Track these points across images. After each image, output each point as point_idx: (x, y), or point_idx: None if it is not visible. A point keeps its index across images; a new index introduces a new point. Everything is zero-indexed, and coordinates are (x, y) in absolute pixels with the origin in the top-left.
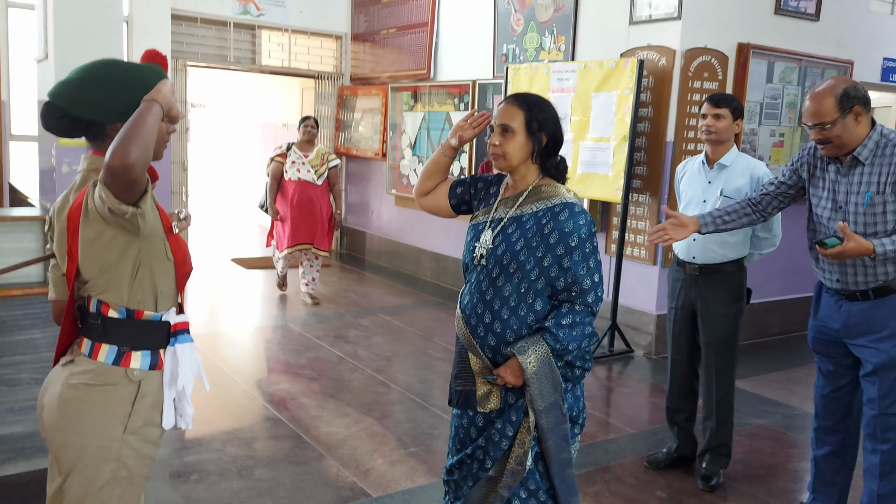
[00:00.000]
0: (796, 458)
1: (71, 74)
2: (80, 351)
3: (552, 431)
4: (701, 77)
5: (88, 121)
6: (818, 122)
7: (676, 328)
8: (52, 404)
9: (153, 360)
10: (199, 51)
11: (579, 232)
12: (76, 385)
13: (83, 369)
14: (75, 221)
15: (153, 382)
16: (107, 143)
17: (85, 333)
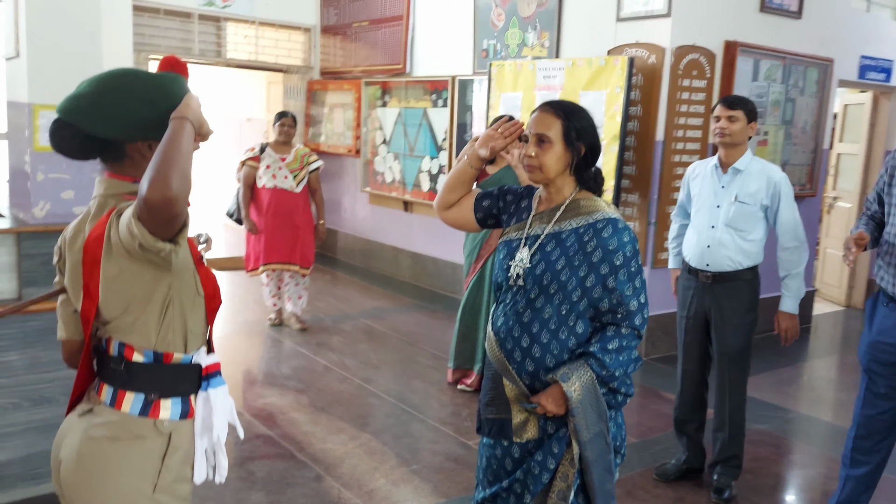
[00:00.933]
0: (803, 465)
1: (83, 87)
2: (99, 399)
3: (596, 463)
4: (690, 75)
5: (106, 139)
6: None
7: (688, 337)
8: (71, 460)
9: (184, 408)
10: (162, 43)
11: (624, 249)
12: (98, 439)
13: (105, 421)
14: (94, 255)
15: (185, 433)
16: (126, 165)
17: (105, 379)
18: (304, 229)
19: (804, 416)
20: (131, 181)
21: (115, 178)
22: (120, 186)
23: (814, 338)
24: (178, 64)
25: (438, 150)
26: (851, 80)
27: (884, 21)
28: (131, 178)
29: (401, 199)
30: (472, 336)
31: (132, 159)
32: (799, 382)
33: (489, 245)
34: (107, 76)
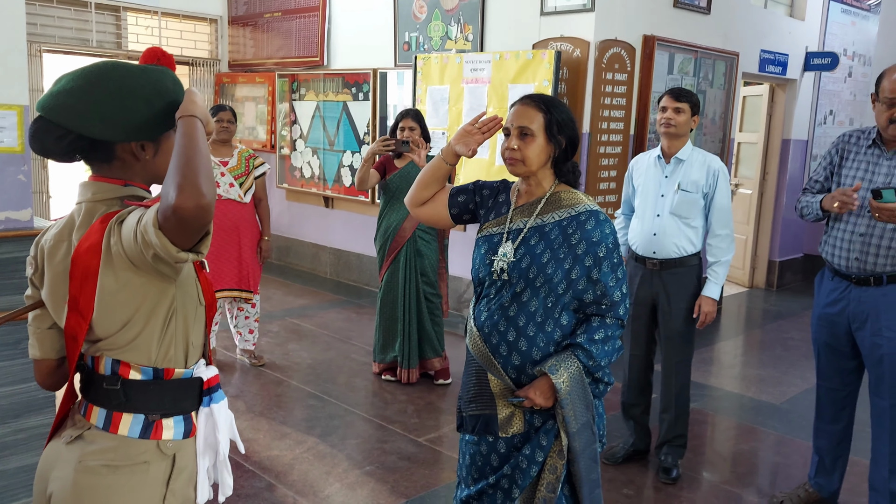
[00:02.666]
0: (736, 440)
1: (66, 83)
2: (87, 421)
3: (583, 453)
4: (613, 69)
5: (95, 140)
6: None
7: (636, 323)
8: (66, 495)
9: (187, 426)
10: (56, 34)
11: (607, 241)
12: (95, 469)
13: (101, 447)
14: (85, 267)
15: (188, 453)
16: (114, 167)
17: (94, 401)
18: (247, 247)
19: (727, 392)
20: (121, 184)
21: (103, 181)
22: (109, 190)
23: (724, 318)
24: (164, 56)
25: (360, 144)
26: (753, 72)
27: (779, 17)
28: (121, 182)
29: (321, 194)
30: (393, 328)
31: (122, 161)
32: (719, 361)
33: (401, 237)
34: (95, 71)
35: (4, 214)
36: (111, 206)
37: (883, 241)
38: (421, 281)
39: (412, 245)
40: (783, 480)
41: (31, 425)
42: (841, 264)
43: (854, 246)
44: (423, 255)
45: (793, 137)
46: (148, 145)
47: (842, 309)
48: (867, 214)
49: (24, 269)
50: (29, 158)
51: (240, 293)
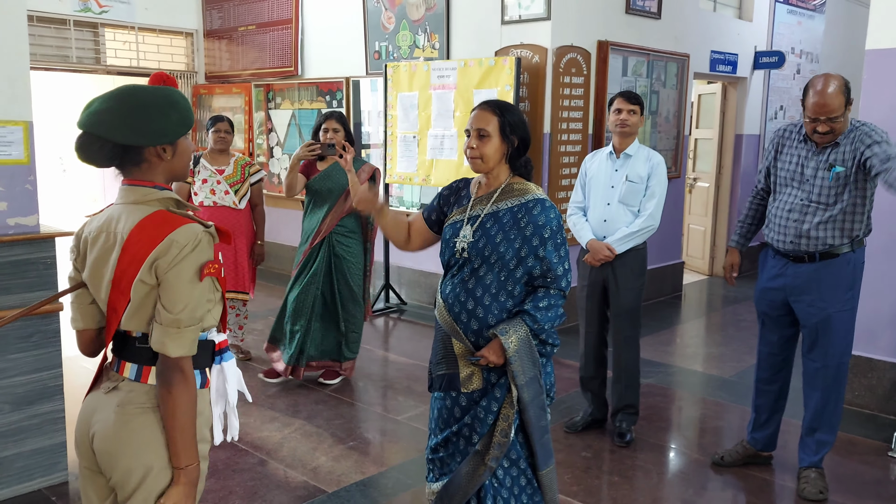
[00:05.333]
0: (686, 408)
1: (100, 104)
2: (121, 376)
3: (532, 403)
4: (570, 73)
5: (128, 146)
6: (832, 116)
7: (589, 303)
8: (107, 432)
9: (202, 378)
10: (36, 51)
11: (551, 224)
12: (131, 410)
13: (135, 394)
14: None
15: (203, 400)
16: (143, 169)
17: (127, 358)
18: (242, 251)
19: (682, 368)
20: (151, 185)
21: (136, 184)
22: (146, 193)
23: (685, 304)
24: (168, 78)
25: None
26: (704, 72)
27: (728, 19)
28: (151, 183)
29: (299, 199)
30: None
31: (149, 162)
32: (676, 342)
33: (316, 237)
34: (122, 93)
35: (15, 220)
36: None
37: (812, 228)
38: (338, 285)
39: (329, 248)
40: (727, 441)
41: (44, 411)
42: (779, 245)
43: (789, 230)
44: (343, 258)
45: (745, 133)
46: (168, 148)
47: (782, 283)
48: (799, 203)
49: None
50: (34, 169)
51: (235, 294)
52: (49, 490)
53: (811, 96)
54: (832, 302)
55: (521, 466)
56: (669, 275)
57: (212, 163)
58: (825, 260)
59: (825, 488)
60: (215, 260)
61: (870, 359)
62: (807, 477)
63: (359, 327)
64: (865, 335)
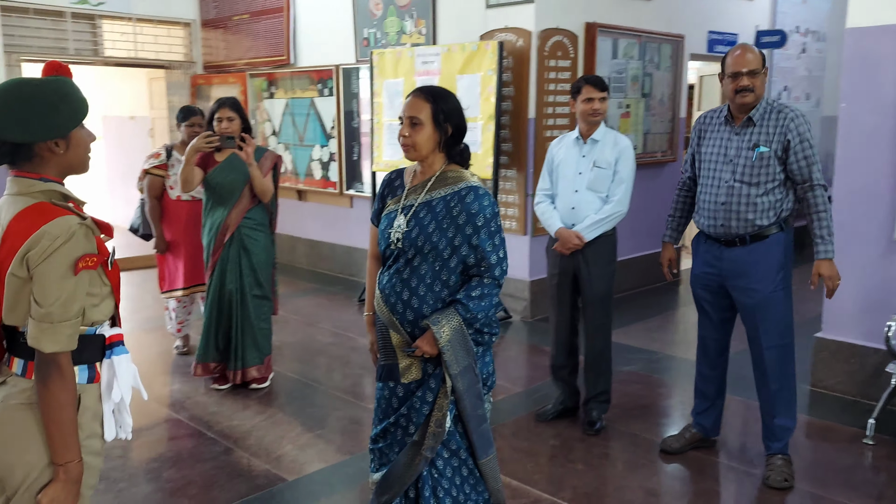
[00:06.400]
0: (663, 396)
1: None
2: (10, 370)
3: (467, 392)
4: (555, 56)
5: (17, 143)
6: (752, 69)
7: (559, 291)
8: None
9: (90, 373)
10: (34, 44)
11: (484, 212)
12: (15, 406)
13: (20, 389)
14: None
15: (92, 395)
16: (34, 163)
17: (15, 353)
18: None
19: (666, 355)
20: (37, 178)
21: (21, 175)
22: (29, 185)
23: (682, 289)
24: (61, 68)
25: (328, 139)
26: (701, 53)
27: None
28: (37, 175)
29: (294, 188)
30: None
31: (40, 157)
32: (664, 328)
33: (223, 235)
34: (7, 88)
35: None
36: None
37: (741, 208)
38: (247, 280)
39: (238, 242)
40: None
41: None
42: (710, 230)
43: (718, 214)
44: (251, 253)
45: None
46: (60, 142)
47: (717, 268)
48: (725, 185)
49: None
50: None
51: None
52: None
53: (731, 56)
54: (766, 283)
55: (461, 457)
56: None
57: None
58: (755, 242)
59: (791, 475)
60: (102, 253)
61: (851, 344)
62: (772, 464)
63: (268, 324)
64: (845, 320)
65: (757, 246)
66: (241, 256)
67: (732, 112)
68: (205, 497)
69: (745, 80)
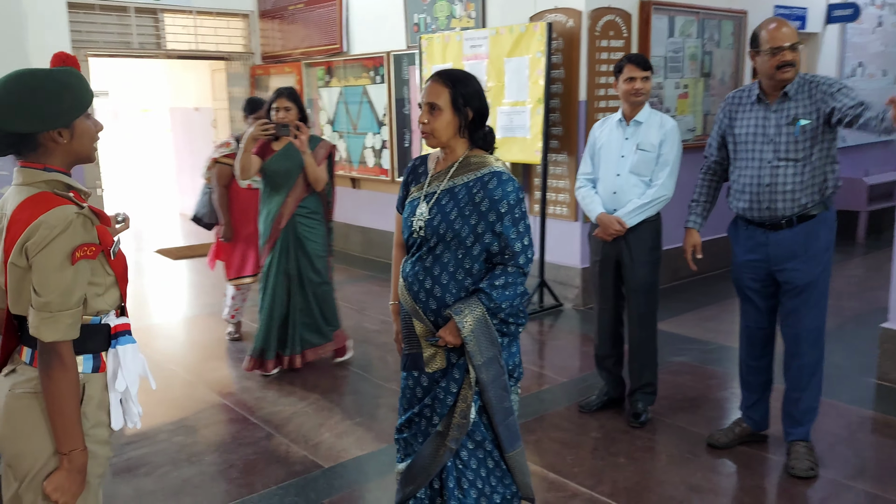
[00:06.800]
0: (715, 388)
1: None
2: (20, 359)
3: (492, 384)
4: (607, 36)
5: (21, 133)
6: (793, 43)
7: (602, 279)
8: (0, 415)
9: (95, 363)
10: (100, 39)
11: (508, 198)
12: (21, 395)
13: (27, 378)
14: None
15: (97, 385)
16: (39, 153)
17: (24, 342)
18: None
19: (720, 346)
20: (41, 168)
21: (28, 166)
22: (33, 175)
23: None
24: (69, 58)
25: (380, 126)
26: None
27: None
28: (41, 166)
29: (348, 176)
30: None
31: (45, 147)
32: (720, 318)
33: (277, 224)
34: (11, 79)
35: None
36: (37, 188)
37: (787, 188)
38: (304, 267)
39: (292, 230)
40: None
41: None
42: (753, 214)
43: (763, 196)
44: (307, 240)
45: None
46: (64, 131)
47: (762, 254)
48: (768, 166)
49: None
50: None
51: None
52: None
53: (766, 31)
54: (815, 264)
55: (486, 448)
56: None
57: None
58: (802, 223)
59: (815, 464)
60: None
61: None
62: (796, 452)
63: (332, 303)
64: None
65: (804, 227)
66: (296, 244)
67: (765, 89)
68: (243, 481)
69: (788, 54)
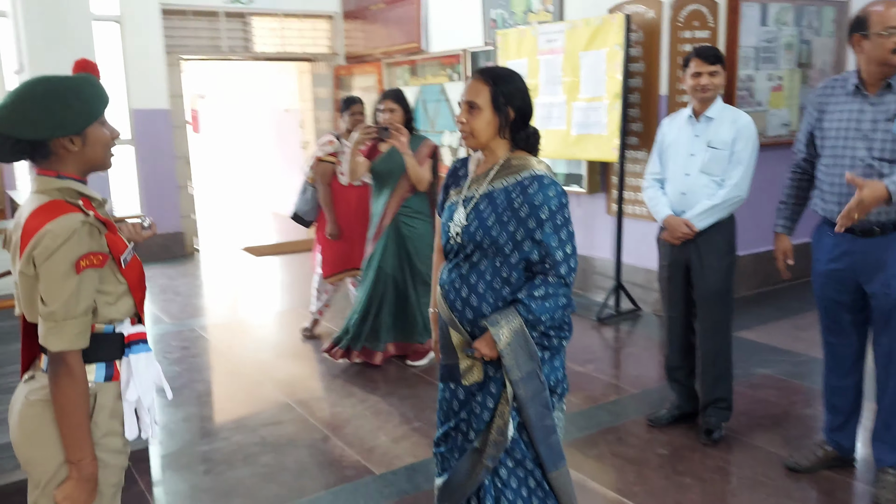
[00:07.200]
0: (800, 404)
1: (5, 98)
2: (39, 366)
3: (532, 400)
4: (691, 26)
5: (31, 141)
6: None
7: (670, 285)
8: (15, 422)
9: (108, 371)
10: (192, 43)
11: (549, 204)
12: (34, 402)
13: (41, 385)
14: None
15: (109, 394)
16: (52, 160)
17: (43, 349)
18: None
19: (811, 358)
20: (55, 175)
21: (43, 174)
22: (47, 182)
23: None
24: (89, 65)
25: None
26: None
27: None
28: (54, 173)
29: None
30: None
31: (56, 154)
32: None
33: (383, 222)
34: (24, 86)
35: None
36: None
37: None
38: (406, 266)
39: (395, 229)
40: None
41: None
42: None
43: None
44: (409, 239)
45: None
46: (75, 139)
47: (849, 263)
48: (861, 165)
49: None
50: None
51: None
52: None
53: (880, 11)
54: None
55: (527, 467)
56: None
57: None
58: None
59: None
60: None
61: None
62: (885, 481)
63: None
64: None
65: None
66: (398, 242)
67: (865, 79)
68: (294, 485)
69: None
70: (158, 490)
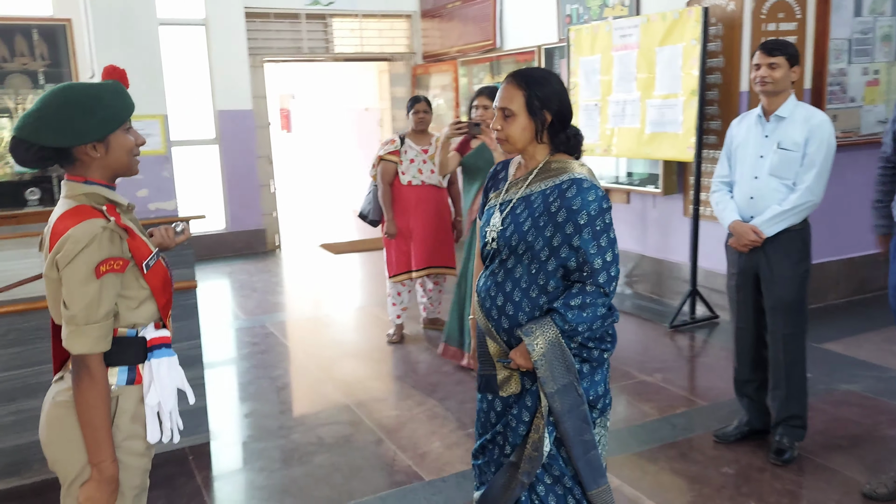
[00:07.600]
0: (885, 425)
1: (32, 106)
2: (68, 367)
3: (569, 414)
4: (776, 18)
5: (55, 148)
6: None
7: (739, 294)
8: (42, 423)
9: (130, 375)
10: (274, 45)
11: (588, 209)
12: (60, 403)
13: (67, 386)
14: None
15: (131, 397)
16: (77, 166)
17: None
18: (446, 228)
19: None
20: (82, 181)
21: (71, 179)
22: (75, 188)
23: None
24: (116, 71)
25: None
26: None
27: None
28: (82, 178)
29: None
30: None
31: (81, 161)
32: None
33: (470, 217)
34: (50, 93)
35: (155, 205)
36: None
37: None
38: None
39: None
40: None
41: (26, 408)
42: None
43: None
44: None
45: None
46: (98, 145)
47: None
48: None
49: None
50: (171, 158)
51: (445, 270)
52: (191, 449)
53: None
54: None
55: (566, 484)
56: None
57: (417, 143)
58: None
59: None
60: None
61: None
62: None
63: None
64: None
65: None
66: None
67: None
68: (345, 487)
69: None
70: (215, 485)
